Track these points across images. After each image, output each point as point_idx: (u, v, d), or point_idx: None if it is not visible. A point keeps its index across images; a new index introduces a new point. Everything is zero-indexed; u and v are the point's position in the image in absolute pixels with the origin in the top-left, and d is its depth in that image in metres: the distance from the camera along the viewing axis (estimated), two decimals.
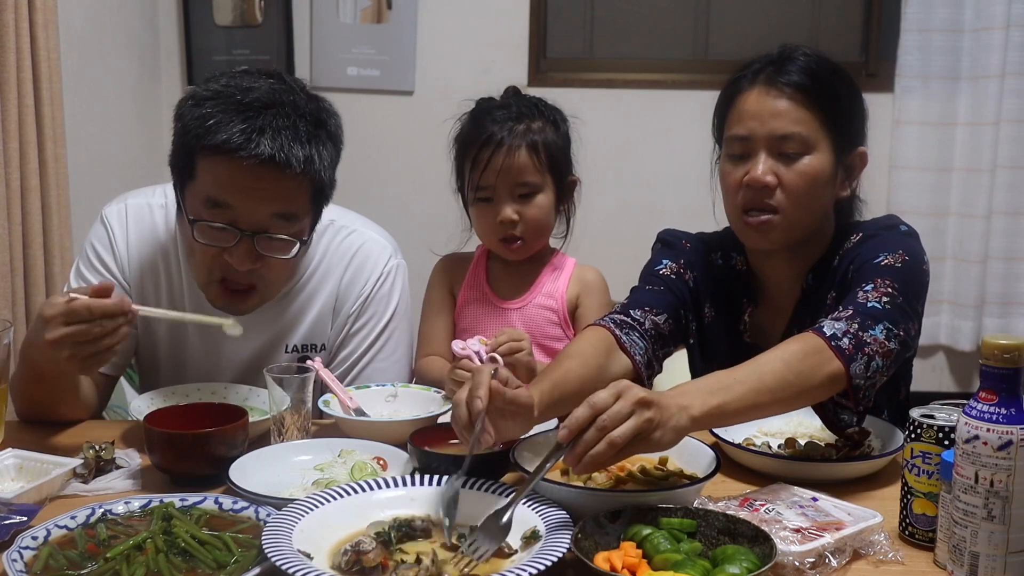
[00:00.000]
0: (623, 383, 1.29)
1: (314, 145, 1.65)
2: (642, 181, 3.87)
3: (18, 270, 2.58)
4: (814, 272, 1.73)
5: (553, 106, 1.98)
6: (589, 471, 1.32)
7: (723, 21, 3.98)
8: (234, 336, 1.64)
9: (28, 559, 1.18)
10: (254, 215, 1.64)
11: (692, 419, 1.33)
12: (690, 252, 1.85)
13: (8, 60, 2.49)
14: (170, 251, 1.85)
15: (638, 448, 1.28)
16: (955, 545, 1.17)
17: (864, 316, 1.51)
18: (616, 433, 1.24)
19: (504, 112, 1.92)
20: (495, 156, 1.88)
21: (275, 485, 1.42)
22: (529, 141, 1.89)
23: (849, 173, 1.70)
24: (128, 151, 3.47)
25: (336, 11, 3.89)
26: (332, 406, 1.69)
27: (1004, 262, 3.73)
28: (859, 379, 1.47)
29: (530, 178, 1.90)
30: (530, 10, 3.85)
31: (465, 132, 1.95)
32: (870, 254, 1.63)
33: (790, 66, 1.65)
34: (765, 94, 1.65)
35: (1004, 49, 3.56)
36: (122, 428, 1.73)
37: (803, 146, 1.63)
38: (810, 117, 1.63)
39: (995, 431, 1.12)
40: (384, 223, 2.01)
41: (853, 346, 1.47)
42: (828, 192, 1.67)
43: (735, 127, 1.69)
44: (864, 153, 1.71)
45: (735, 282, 1.81)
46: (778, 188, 1.64)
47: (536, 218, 1.92)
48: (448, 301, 2.04)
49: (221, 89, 1.65)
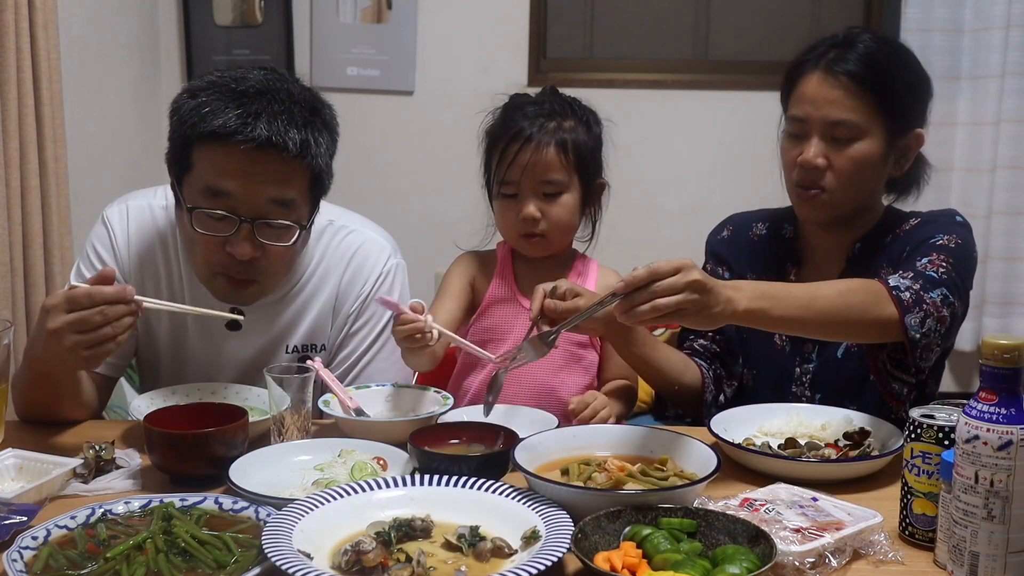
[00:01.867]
0: (688, 262, 1.44)
1: (310, 131, 1.66)
2: (642, 181, 3.86)
3: (18, 270, 2.57)
4: (862, 243, 1.83)
5: (588, 107, 1.95)
6: (632, 324, 1.49)
7: (723, 21, 3.97)
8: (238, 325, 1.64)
9: (28, 559, 1.18)
10: (253, 201, 1.64)
11: (735, 312, 1.48)
12: (729, 238, 1.98)
13: (8, 60, 2.49)
14: (171, 252, 1.85)
15: (679, 320, 1.44)
16: (955, 545, 1.17)
17: (925, 280, 1.63)
18: (663, 302, 1.41)
19: (536, 108, 1.88)
20: (522, 152, 1.84)
21: (275, 485, 1.42)
22: (559, 139, 1.85)
23: (903, 154, 1.79)
24: (128, 151, 3.46)
25: (336, 11, 3.89)
26: (332, 406, 1.69)
27: (1004, 262, 3.73)
28: (914, 331, 1.58)
29: (556, 176, 1.86)
30: (530, 10, 3.85)
31: (495, 125, 1.92)
32: (926, 235, 1.75)
33: (850, 53, 1.74)
34: (822, 80, 1.74)
35: (1004, 49, 3.56)
36: (122, 428, 1.73)
37: (854, 132, 1.73)
38: (863, 105, 1.72)
39: (995, 431, 1.12)
40: (384, 223, 2.00)
41: (912, 300, 1.59)
42: (878, 173, 1.78)
43: (794, 108, 1.79)
44: (920, 135, 1.80)
45: (779, 249, 1.92)
46: (828, 170, 1.74)
47: (559, 217, 1.88)
48: (466, 293, 1.97)
49: (216, 79, 1.66)
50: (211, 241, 1.67)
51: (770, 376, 1.89)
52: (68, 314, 1.47)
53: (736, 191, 2.70)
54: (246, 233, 1.65)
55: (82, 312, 1.47)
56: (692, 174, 3.86)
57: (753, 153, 3.88)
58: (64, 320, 1.48)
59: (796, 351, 1.86)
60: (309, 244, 1.85)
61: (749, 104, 3.77)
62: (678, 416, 1.95)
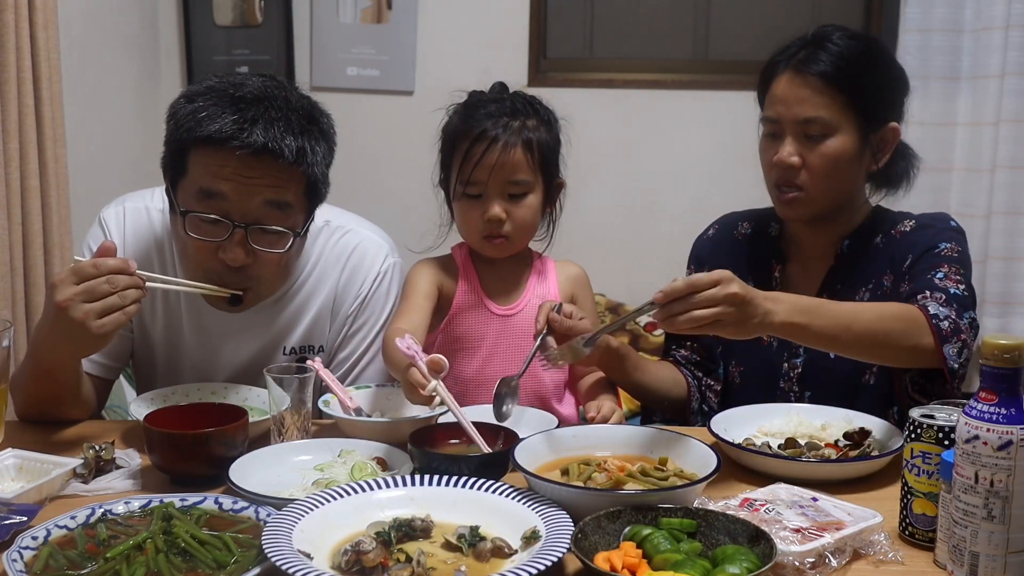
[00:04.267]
0: (727, 274, 1.45)
1: (306, 139, 1.65)
2: (642, 181, 3.86)
3: (18, 270, 2.57)
4: (851, 240, 1.85)
5: (547, 106, 1.92)
6: (671, 331, 1.53)
7: (723, 21, 3.97)
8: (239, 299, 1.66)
9: (28, 559, 1.18)
10: (246, 205, 1.64)
11: (771, 324, 1.50)
12: (713, 237, 2.01)
13: (8, 60, 2.49)
14: (167, 253, 1.85)
15: (716, 330, 1.46)
16: (955, 545, 1.17)
17: (958, 303, 1.64)
18: (699, 313, 1.43)
19: (498, 107, 1.84)
20: (489, 152, 1.80)
21: (275, 485, 1.42)
22: (524, 139, 1.82)
23: (880, 148, 1.81)
24: (128, 151, 3.46)
25: (336, 11, 3.89)
26: (332, 406, 1.69)
27: (1004, 262, 3.72)
28: (953, 361, 1.58)
29: (523, 176, 1.82)
30: (530, 10, 3.85)
31: (455, 125, 1.87)
32: (931, 242, 1.77)
33: (820, 53, 1.76)
34: (791, 80, 1.78)
35: (1004, 49, 3.56)
36: (122, 428, 1.73)
37: (826, 128, 1.75)
38: (832, 102, 1.75)
39: (995, 431, 1.12)
40: (384, 223, 2.00)
41: (951, 330, 1.59)
42: (854, 169, 1.80)
43: (767, 109, 1.84)
44: (896, 128, 1.81)
45: (764, 247, 1.95)
46: (803, 169, 1.77)
47: (523, 219, 1.85)
48: (434, 301, 1.89)
49: (214, 85, 1.66)
50: (204, 247, 1.66)
51: (758, 372, 1.91)
52: (76, 285, 1.48)
53: (736, 191, 2.69)
54: (239, 238, 1.65)
55: (89, 282, 1.48)
56: (692, 174, 3.86)
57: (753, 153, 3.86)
58: (72, 291, 1.48)
59: (783, 346, 1.88)
60: (306, 244, 1.85)
61: (749, 104, 3.73)
62: (665, 421, 1.96)
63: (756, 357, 1.91)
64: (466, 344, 1.87)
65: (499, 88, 1.92)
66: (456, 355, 1.82)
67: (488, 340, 1.86)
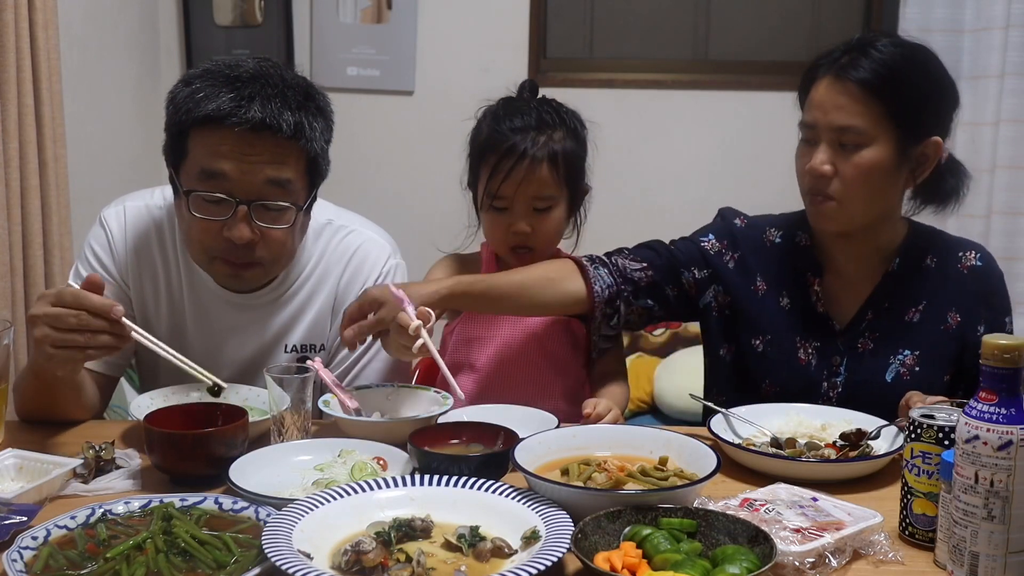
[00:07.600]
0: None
1: (304, 114, 1.67)
2: (642, 181, 3.87)
3: (18, 270, 2.57)
4: (901, 258, 1.80)
5: (574, 112, 1.93)
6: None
7: (723, 21, 3.97)
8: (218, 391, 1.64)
9: (28, 559, 1.18)
10: (248, 182, 1.65)
11: None
12: (743, 229, 1.91)
13: (8, 60, 2.49)
14: (168, 252, 1.85)
15: None
16: (955, 545, 1.17)
17: None
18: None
19: (525, 119, 1.85)
20: (516, 169, 1.82)
21: (275, 485, 1.42)
22: (550, 153, 1.83)
23: (920, 163, 1.74)
24: (128, 151, 3.46)
25: (336, 11, 3.89)
26: (332, 406, 1.69)
27: (1003, 262, 3.65)
28: None
29: (549, 192, 1.85)
30: (530, 10, 3.85)
31: (484, 136, 1.88)
32: (1001, 302, 1.81)
33: (862, 59, 1.70)
34: (831, 87, 1.71)
35: (1004, 49, 3.56)
36: (122, 428, 1.73)
37: (861, 138, 1.69)
38: (870, 111, 1.68)
39: (995, 431, 1.12)
40: (384, 223, 2.00)
41: None
42: (890, 182, 1.73)
43: (805, 114, 1.77)
44: (939, 143, 1.74)
45: (797, 258, 1.86)
46: (835, 178, 1.71)
47: (549, 231, 1.89)
48: None
49: (210, 67, 1.68)
50: (208, 227, 1.67)
51: (793, 390, 1.81)
52: (51, 307, 1.48)
53: (736, 191, 2.69)
54: (243, 216, 1.66)
55: (62, 309, 1.48)
56: (692, 174, 3.86)
57: (753, 153, 3.90)
58: (43, 310, 1.48)
59: (823, 364, 1.81)
60: (308, 243, 1.85)
61: (749, 104, 3.77)
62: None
63: (793, 375, 1.83)
64: (478, 337, 1.89)
65: (528, 90, 1.93)
66: (468, 348, 1.83)
67: (499, 337, 1.87)
